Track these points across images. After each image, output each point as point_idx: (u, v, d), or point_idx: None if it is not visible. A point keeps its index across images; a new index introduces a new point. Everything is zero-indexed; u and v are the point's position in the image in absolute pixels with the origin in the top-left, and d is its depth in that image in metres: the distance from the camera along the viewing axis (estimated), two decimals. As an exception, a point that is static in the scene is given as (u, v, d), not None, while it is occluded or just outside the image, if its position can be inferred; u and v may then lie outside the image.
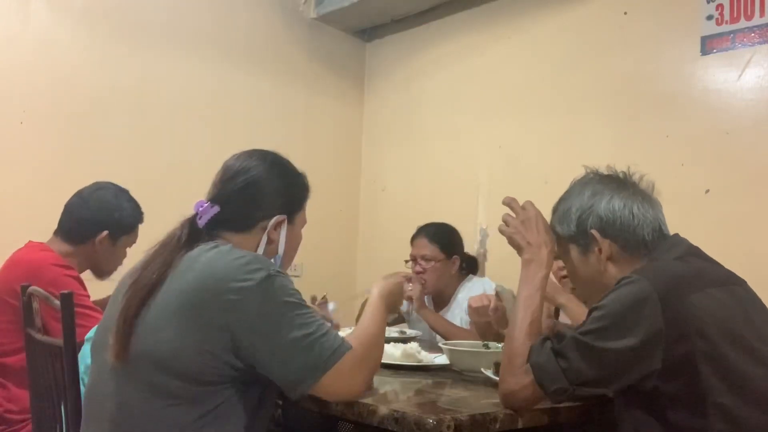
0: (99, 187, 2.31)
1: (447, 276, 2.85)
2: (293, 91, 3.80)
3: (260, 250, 1.47)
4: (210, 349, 1.27)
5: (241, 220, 1.46)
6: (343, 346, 1.33)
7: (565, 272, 2.19)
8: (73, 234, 2.25)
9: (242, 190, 1.46)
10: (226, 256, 1.33)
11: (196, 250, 1.36)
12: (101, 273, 2.36)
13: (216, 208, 1.44)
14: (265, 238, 1.47)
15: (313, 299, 2.87)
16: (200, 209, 1.44)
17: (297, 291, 1.35)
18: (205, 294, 1.29)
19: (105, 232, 2.25)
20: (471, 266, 2.97)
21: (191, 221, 1.44)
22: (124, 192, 2.33)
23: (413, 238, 2.90)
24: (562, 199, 1.56)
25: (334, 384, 1.31)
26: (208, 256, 1.34)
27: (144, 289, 1.33)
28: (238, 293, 1.27)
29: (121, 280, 1.48)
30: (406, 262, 2.88)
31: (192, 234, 1.42)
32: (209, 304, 1.28)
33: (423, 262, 2.81)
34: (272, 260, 1.49)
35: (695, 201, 2.60)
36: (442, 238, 2.86)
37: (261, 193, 1.48)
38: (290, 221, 1.52)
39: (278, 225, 1.49)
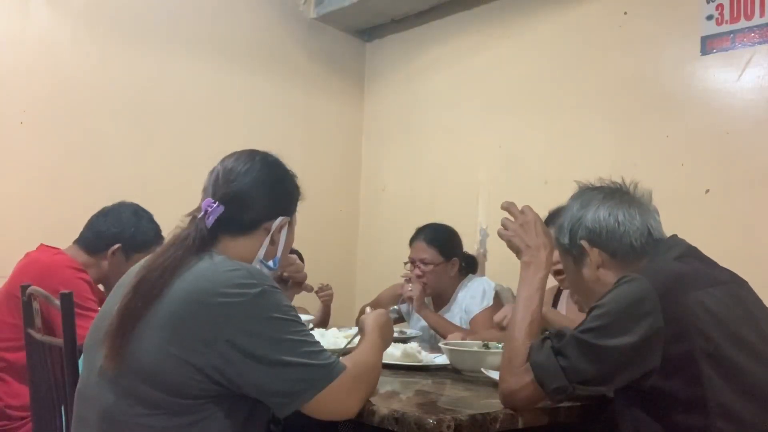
0: (121, 204, 2.39)
1: (446, 278, 2.84)
2: (293, 91, 3.80)
3: (261, 252, 1.46)
4: (195, 363, 1.23)
5: (245, 221, 1.43)
6: (338, 366, 1.30)
7: (558, 266, 2.21)
8: (90, 244, 2.33)
9: (250, 192, 1.44)
10: (219, 267, 1.30)
11: (194, 260, 1.33)
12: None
13: (221, 208, 1.40)
14: (267, 240, 1.46)
15: (320, 288, 2.90)
16: (209, 209, 1.40)
17: (291, 307, 1.32)
18: (193, 306, 1.25)
19: (118, 245, 2.31)
20: (470, 266, 2.97)
21: (200, 221, 1.40)
22: (146, 212, 2.39)
23: (412, 241, 2.89)
24: (559, 214, 1.61)
25: (327, 403, 1.29)
26: (200, 267, 1.31)
27: (146, 296, 1.29)
28: (228, 308, 1.24)
29: (121, 280, 1.46)
30: (405, 263, 2.87)
31: (199, 234, 1.38)
32: (197, 317, 1.24)
33: (422, 266, 2.80)
34: (270, 262, 1.48)
35: (695, 201, 2.60)
36: (440, 241, 2.84)
37: (267, 195, 1.46)
38: (290, 223, 1.51)
39: (281, 227, 1.48)
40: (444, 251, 2.82)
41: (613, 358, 1.30)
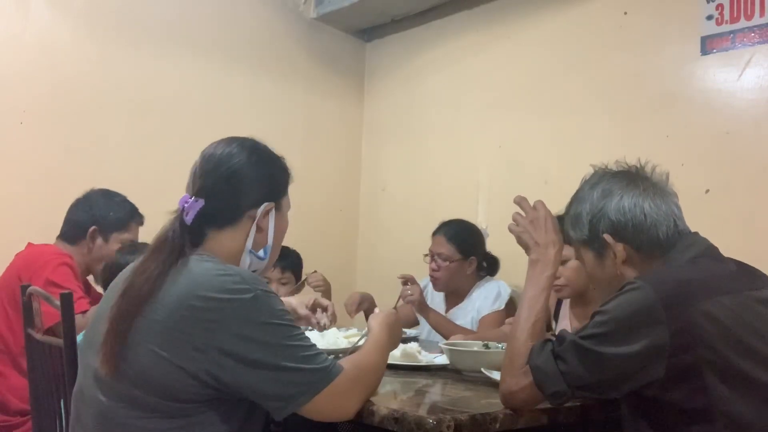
0: (91, 191, 2.46)
1: (462, 276, 2.85)
2: (293, 91, 3.79)
3: (249, 242, 1.42)
4: (187, 369, 1.22)
5: (227, 212, 1.41)
6: (334, 368, 1.29)
7: (558, 282, 2.20)
8: (69, 235, 2.40)
9: (227, 181, 1.41)
10: (211, 272, 1.29)
11: (184, 263, 1.31)
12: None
13: (201, 202, 1.38)
14: (254, 229, 1.42)
15: (307, 276, 2.91)
16: (186, 205, 1.38)
17: (285, 311, 1.30)
18: (185, 312, 1.24)
19: (94, 227, 2.38)
20: (491, 266, 2.96)
21: (179, 219, 1.38)
22: (117, 194, 2.46)
23: (434, 234, 2.90)
24: (573, 202, 1.54)
25: (324, 406, 1.28)
26: (193, 271, 1.29)
27: (135, 300, 1.28)
28: (220, 313, 1.23)
29: (116, 279, 1.44)
30: (425, 256, 2.88)
31: (182, 233, 1.36)
32: (189, 323, 1.24)
33: (439, 260, 2.82)
34: (261, 251, 1.45)
35: (695, 201, 2.58)
36: (460, 238, 2.85)
37: (246, 181, 1.42)
38: (277, 208, 1.47)
39: (267, 213, 1.44)
40: (463, 249, 2.83)
41: (613, 366, 1.28)
